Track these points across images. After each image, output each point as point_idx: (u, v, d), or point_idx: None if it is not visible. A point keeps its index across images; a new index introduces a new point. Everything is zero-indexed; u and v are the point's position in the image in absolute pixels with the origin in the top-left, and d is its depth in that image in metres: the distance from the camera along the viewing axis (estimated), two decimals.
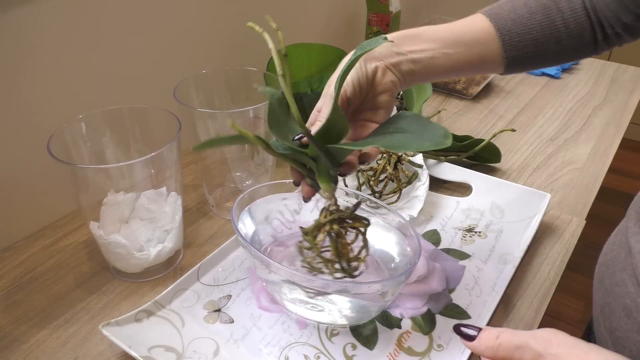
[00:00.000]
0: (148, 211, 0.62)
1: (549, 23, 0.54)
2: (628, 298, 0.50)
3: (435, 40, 0.53)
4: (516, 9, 0.55)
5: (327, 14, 1.17)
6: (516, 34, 0.54)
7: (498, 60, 0.55)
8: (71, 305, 0.60)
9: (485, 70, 0.58)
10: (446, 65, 0.54)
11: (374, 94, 0.52)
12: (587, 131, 0.95)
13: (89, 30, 0.70)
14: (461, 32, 0.55)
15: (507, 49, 0.54)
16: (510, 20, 0.54)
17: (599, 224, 0.59)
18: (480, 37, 0.55)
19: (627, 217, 0.54)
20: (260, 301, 0.60)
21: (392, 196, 0.72)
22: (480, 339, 0.40)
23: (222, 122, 0.66)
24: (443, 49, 0.53)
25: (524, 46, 0.55)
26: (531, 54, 0.55)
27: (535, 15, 0.54)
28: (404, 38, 0.53)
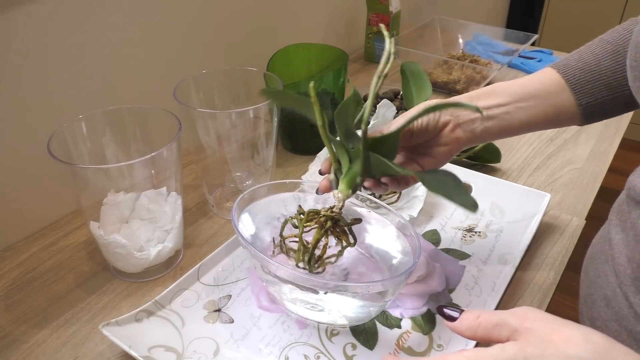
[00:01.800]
0: (148, 211, 0.62)
1: (619, 67, 0.54)
2: (608, 288, 0.52)
3: (510, 95, 0.54)
4: (583, 58, 0.56)
5: (327, 14, 1.17)
6: (586, 81, 0.55)
7: (573, 109, 0.55)
8: (71, 305, 0.60)
9: (563, 122, 0.57)
10: (521, 120, 0.55)
11: (436, 143, 0.54)
12: (587, 131, 0.95)
13: (90, 30, 0.70)
14: (532, 84, 0.55)
15: (579, 96, 0.55)
16: (579, 69, 0.55)
17: (599, 224, 0.59)
18: (551, 88, 0.55)
19: (611, 211, 0.55)
20: (260, 301, 0.60)
21: (392, 196, 0.72)
22: (462, 319, 0.41)
23: (222, 122, 0.66)
24: (517, 102, 0.54)
25: (598, 92, 0.55)
26: (607, 98, 0.55)
27: (604, 61, 0.55)
28: (478, 96, 0.55)
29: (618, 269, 0.50)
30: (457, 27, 1.26)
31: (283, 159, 0.86)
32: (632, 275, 0.48)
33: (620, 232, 0.51)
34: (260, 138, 0.70)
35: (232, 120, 0.66)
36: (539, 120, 0.55)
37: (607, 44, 0.56)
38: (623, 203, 0.52)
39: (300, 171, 0.82)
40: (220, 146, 0.69)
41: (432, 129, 0.53)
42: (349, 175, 0.51)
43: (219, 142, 0.68)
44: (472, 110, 0.46)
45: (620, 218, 0.52)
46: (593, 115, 0.56)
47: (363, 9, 1.21)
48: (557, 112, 0.55)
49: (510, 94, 0.55)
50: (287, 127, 0.86)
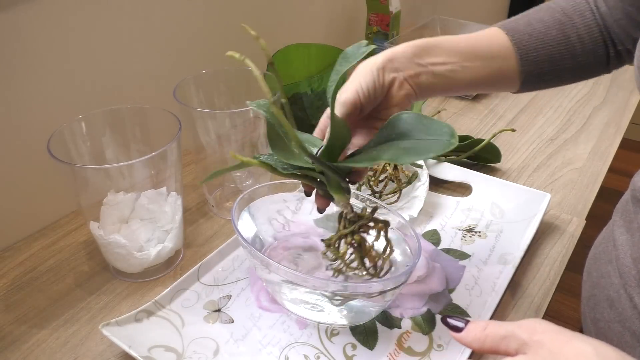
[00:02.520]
0: (148, 211, 0.62)
1: (564, 38, 0.54)
2: (612, 289, 0.51)
3: (456, 53, 0.53)
4: (532, 24, 0.55)
5: (327, 14, 1.17)
6: (533, 48, 0.54)
7: (514, 75, 0.55)
8: (71, 305, 0.60)
9: (502, 86, 0.57)
10: (465, 80, 0.54)
11: (387, 105, 0.52)
12: (587, 131, 0.95)
13: (89, 30, 0.70)
14: (480, 45, 0.54)
15: (523, 64, 0.54)
16: (527, 34, 0.54)
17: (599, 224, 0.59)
18: (499, 52, 0.54)
19: (615, 211, 0.55)
20: (260, 301, 0.60)
21: (392, 196, 0.72)
22: (468, 330, 0.40)
23: (222, 122, 0.66)
24: (463, 62, 0.53)
25: (540, 61, 0.54)
26: (547, 69, 0.55)
27: (551, 30, 0.54)
28: (424, 48, 0.52)
29: (623, 269, 0.50)
30: (457, 27, 1.26)
31: None
32: (638, 276, 0.48)
33: (625, 233, 0.51)
34: (260, 138, 0.70)
35: (232, 120, 0.66)
36: (481, 82, 0.55)
37: (556, 12, 0.55)
38: (628, 203, 0.52)
39: None
40: (220, 146, 0.69)
41: (379, 92, 0.50)
42: (333, 185, 0.50)
43: (219, 142, 0.68)
44: (362, 52, 0.44)
45: (625, 219, 0.52)
46: (530, 84, 0.56)
47: (363, 9, 1.21)
48: (499, 76, 0.55)
49: (457, 52, 0.53)
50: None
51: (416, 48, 0.52)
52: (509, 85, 0.57)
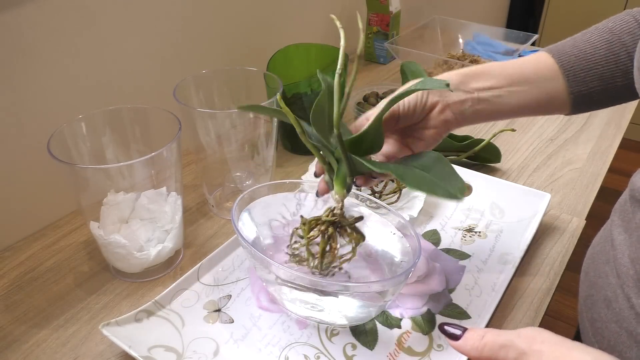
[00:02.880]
0: (148, 211, 0.62)
1: (613, 57, 0.53)
2: (609, 289, 0.51)
3: (504, 77, 0.53)
4: (578, 45, 0.54)
5: (327, 14, 1.17)
6: (580, 69, 0.54)
7: (563, 97, 0.54)
8: (71, 305, 0.60)
9: (552, 109, 0.56)
10: (512, 104, 0.54)
11: (425, 125, 0.53)
12: (587, 131, 0.95)
13: (89, 30, 0.70)
14: (527, 68, 0.54)
15: (572, 85, 0.54)
16: (574, 56, 0.54)
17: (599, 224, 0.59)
18: (545, 74, 0.54)
19: (613, 211, 0.55)
20: (260, 301, 0.60)
21: (392, 196, 0.72)
22: (466, 338, 0.40)
23: (222, 122, 0.66)
24: (510, 86, 0.53)
25: (590, 81, 0.54)
26: (597, 89, 0.54)
27: (599, 50, 0.53)
28: (470, 75, 0.53)
29: (620, 269, 0.50)
30: (457, 27, 1.26)
31: (283, 159, 0.86)
32: (635, 277, 0.48)
33: (623, 233, 0.51)
34: (260, 138, 0.70)
35: (232, 120, 0.66)
36: (529, 106, 0.54)
37: (603, 32, 0.55)
38: (626, 203, 0.52)
39: (300, 171, 0.82)
40: (220, 146, 0.69)
41: (419, 111, 0.52)
42: (340, 176, 0.51)
43: (219, 142, 0.68)
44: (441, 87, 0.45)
45: (623, 218, 0.52)
46: (581, 105, 0.55)
47: (363, 9, 1.21)
48: (548, 99, 0.54)
49: (504, 76, 0.53)
50: (287, 127, 0.86)
51: (463, 76, 0.53)
52: (560, 108, 0.56)
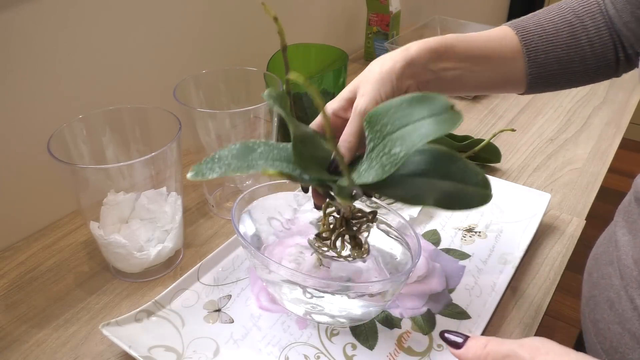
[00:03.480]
0: (148, 211, 0.62)
1: (574, 41, 0.53)
2: (612, 290, 0.51)
3: (468, 57, 0.52)
4: (542, 24, 0.54)
5: (327, 14, 1.17)
6: (542, 50, 0.53)
7: (521, 77, 0.54)
8: (71, 305, 0.60)
9: (508, 89, 0.56)
10: (472, 83, 0.53)
11: None
12: (587, 131, 0.95)
13: (89, 30, 0.70)
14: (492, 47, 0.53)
15: (531, 66, 0.53)
16: (537, 35, 0.53)
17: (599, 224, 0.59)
18: (508, 54, 0.53)
19: (617, 212, 0.54)
20: (260, 301, 0.60)
21: None
22: (468, 347, 0.39)
23: (222, 122, 0.66)
24: (473, 66, 0.52)
25: (549, 64, 0.53)
26: (555, 72, 0.54)
27: (561, 32, 0.53)
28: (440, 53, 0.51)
29: (624, 270, 0.49)
30: (457, 27, 1.26)
31: None
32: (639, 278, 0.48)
33: (627, 234, 0.51)
34: (260, 138, 0.70)
35: (232, 120, 0.66)
36: (486, 86, 0.54)
37: (567, 12, 0.54)
38: (630, 204, 0.52)
39: None
40: (220, 146, 0.69)
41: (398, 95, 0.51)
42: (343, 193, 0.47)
43: (219, 142, 0.68)
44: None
45: (627, 220, 0.51)
46: (537, 86, 0.55)
47: (363, 9, 1.21)
48: (505, 80, 0.54)
49: (467, 56, 0.52)
50: (287, 127, 0.85)
51: (432, 53, 0.51)
52: (516, 87, 0.56)
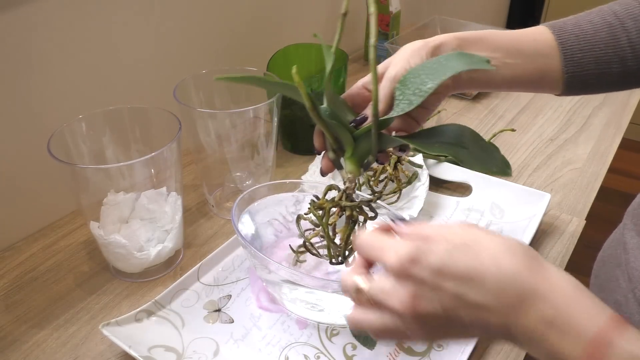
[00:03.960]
0: (148, 211, 0.62)
1: (613, 41, 0.52)
2: (619, 293, 0.51)
3: (499, 48, 0.52)
4: (580, 24, 0.53)
5: (327, 14, 1.17)
6: (579, 49, 0.52)
7: (557, 76, 0.53)
8: (71, 305, 0.60)
9: (544, 87, 0.55)
10: (506, 76, 0.52)
11: None
12: (587, 131, 0.95)
13: (89, 30, 0.70)
14: (525, 40, 0.53)
15: (567, 64, 0.52)
16: (574, 35, 0.53)
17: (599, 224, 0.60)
18: (543, 49, 0.52)
19: (626, 214, 0.54)
20: (260, 301, 0.60)
21: (392, 196, 0.72)
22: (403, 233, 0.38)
23: (222, 122, 0.66)
24: (505, 58, 0.51)
25: (586, 63, 0.52)
26: (593, 72, 0.53)
27: (600, 32, 0.52)
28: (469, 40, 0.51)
29: (633, 273, 0.49)
30: (457, 27, 1.26)
31: (283, 159, 0.86)
32: None
33: (636, 237, 0.51)
34: (260, 138, 0.70)
35: (232, 120, 0.66)
36: (522, 80, 0.53)
37: (607, 14, 0.53)
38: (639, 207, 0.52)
39: (300, 171, 0.82)
40: (220, 146, 0.69)
41: None
42: (357, 155, 0.49)
43: (219, 142, 0.68)
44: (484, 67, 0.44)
45: (636, 222, 0.51)
46: (574, 86, 0.54)
47: (363, 9, 1.21)
48: (541, 76, 0.53)
49: (501, 47, 0.51)
50: (287, 127, 0.86)
51: (461, 40, 0.51)
52: (552, 87, 0.54)
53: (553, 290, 0.33)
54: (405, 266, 0.34)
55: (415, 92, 0.44)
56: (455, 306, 0.34)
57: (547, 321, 0.32)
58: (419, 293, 0.34)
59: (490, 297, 0.33)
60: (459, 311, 0.34)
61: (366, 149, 0.48)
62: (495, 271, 0.33)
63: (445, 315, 0.34)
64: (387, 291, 0.36)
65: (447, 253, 0.34)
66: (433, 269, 0.34)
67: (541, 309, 0.32)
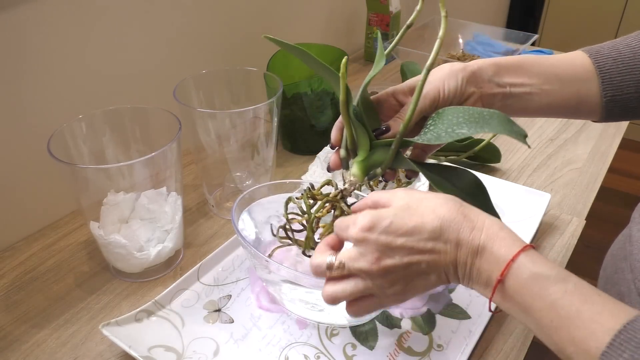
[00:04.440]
0: (148, 211, 0.62)
1: None
2: (623, 285, 0.52)
3: (537, 74, 0.52)
4: (618, 48, 0.53)
5: (327, 14, 1.17)
6: (617, 73, 0.52)
7: (596, 100, 0.52)
8: (71, 305, 0.60)
9: (582, 113, 0.54)
10: (542, 103, 0.52)
11: None
12: (587, 131, 0.95)
13: (89, 30, 0.70)
14: (561, 66, 0.52)
15: (605, 88, 0.52)
16: (612, 58, 0.52)
17: (599, 224, 0.60)
18: (579, 73, 0.52)
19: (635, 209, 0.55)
20: (260, 301, 0.60)
21: None
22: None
23: (222, 122, 0.66)
24: (542, 84, 0.51)
25: (626, 86, 0.52)
26: (633, 96, 0.52)
27: (639, 55, 0.52)
28: (506, 68, 0.51)
29: (634, 264, 0.50)
30: (457, 27, 1.26)
31: (283, 159, 0.86)
32: None
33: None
34: (260, 138, 0.70)
35: (232, 120, 0.66)
36: (559, 107, 0.53)
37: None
38: None
39: (300, 171, 0.82)
40: (220, 146, 0.69)
41: (456, 100, 0.51)
42: (367, 162, 0.49)
43: (219, 142, 0.68)
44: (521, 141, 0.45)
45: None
46: (614, 111, 0.53)
47: (363, 9, 1.21)
48: (578, 101, 0.52)
49: (538, 73, 0.52)
50: (287, 127, 0.86)
51: (498, 67, 0.51)
52: (590, 112, 0.53)
53: (480, 228, 0.40)
54: (365, 234, 0.41)
55: (447, 131, 0.45)
56: (411, 255, 0.41)
57: (475, 252, 0.40)
58: (380, 251, 0.41)
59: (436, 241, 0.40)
60: (415, 258, 0.41)
61: (378, 160, 0.49)
62: (435, 218, 0.41)
63: (407, 265, 0.41)
64: (354, 257, 0.42)
65: (394, 216, 0.41)
66: (387, 231, 0.41)
67: (470, 243, 0.40)
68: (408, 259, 0.41)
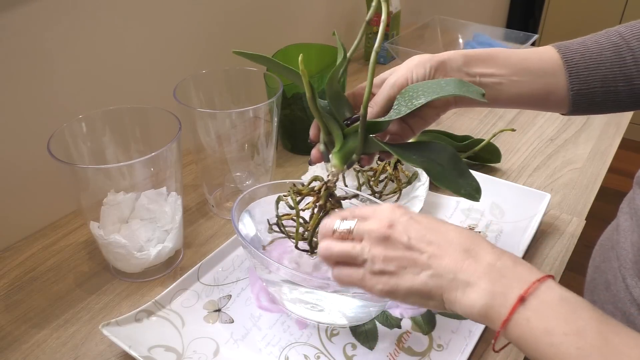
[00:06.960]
0: (148, 211, 0.62)
1: (618, 60, 0.53)
2: (610, 273, 0.53)
3: (507, 66, 0.53)
4: (586, 44, 0.54)
5: (327, 14, 1.17)
6: (584, 67, 0.53)
7: (564, 93, 0.54)
8: (71, 305, 0.60)
9: (550, 105, 0.56)
10: (511, 93, 0.53)
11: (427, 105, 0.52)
12: (587, 131, 0.95)
13: (89, 30, 0.70)
14: (531, 59, 0.54)
15: (573, 82, 0.53)
16: (579, 53, 0.53)
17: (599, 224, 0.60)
18: (549, 68, 0.53)
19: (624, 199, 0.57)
20: (260, 301, 0.60)
21: (392, 196, 0.72)
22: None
23: (222, 122, 0.66)
24: (512, 75, 0.53)
25: (592, 81, 0.53)
26: (598, 90, 0.53)
27: (605, 51, 0.53)
28: (477, 59, 0.53)
29: (620, 253, 0.51)
30: (457, 27, 1.26)
31: (283, 159, 0.86)
32: (633, 259, 0.49)
33: (629, 219, 0.52)
34: (260, 138, 0.70)
35: (232, 120, 0.66)
36: (527, 98, 0.54)
37: (612, 35, 0.54)
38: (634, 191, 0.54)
39: (300, 171, 0.82)
40: (220, 146, 0.69)
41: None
42: (343, 151, 0.51)
43: (219, 142, 0.68)
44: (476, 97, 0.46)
45: (631, 205, 0.53)
46: (581, 105, 0.55)
47: (363, 9, 1.21)
48: (546, 93, 0.54)
49: (508, 64, 0.53)
50: (287, 127, 0.86)
51: (467, 57, 0.52)
52: (558, 105, 0.55)
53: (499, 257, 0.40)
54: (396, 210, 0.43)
55: (407, 104, 0.47)
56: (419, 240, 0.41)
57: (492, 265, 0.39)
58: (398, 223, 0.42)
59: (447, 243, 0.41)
60: (421, 245, 0.41)
61: (352, 147, 0.51)
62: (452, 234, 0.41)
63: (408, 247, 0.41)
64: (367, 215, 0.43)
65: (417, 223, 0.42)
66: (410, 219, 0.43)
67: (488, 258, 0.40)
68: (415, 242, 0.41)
